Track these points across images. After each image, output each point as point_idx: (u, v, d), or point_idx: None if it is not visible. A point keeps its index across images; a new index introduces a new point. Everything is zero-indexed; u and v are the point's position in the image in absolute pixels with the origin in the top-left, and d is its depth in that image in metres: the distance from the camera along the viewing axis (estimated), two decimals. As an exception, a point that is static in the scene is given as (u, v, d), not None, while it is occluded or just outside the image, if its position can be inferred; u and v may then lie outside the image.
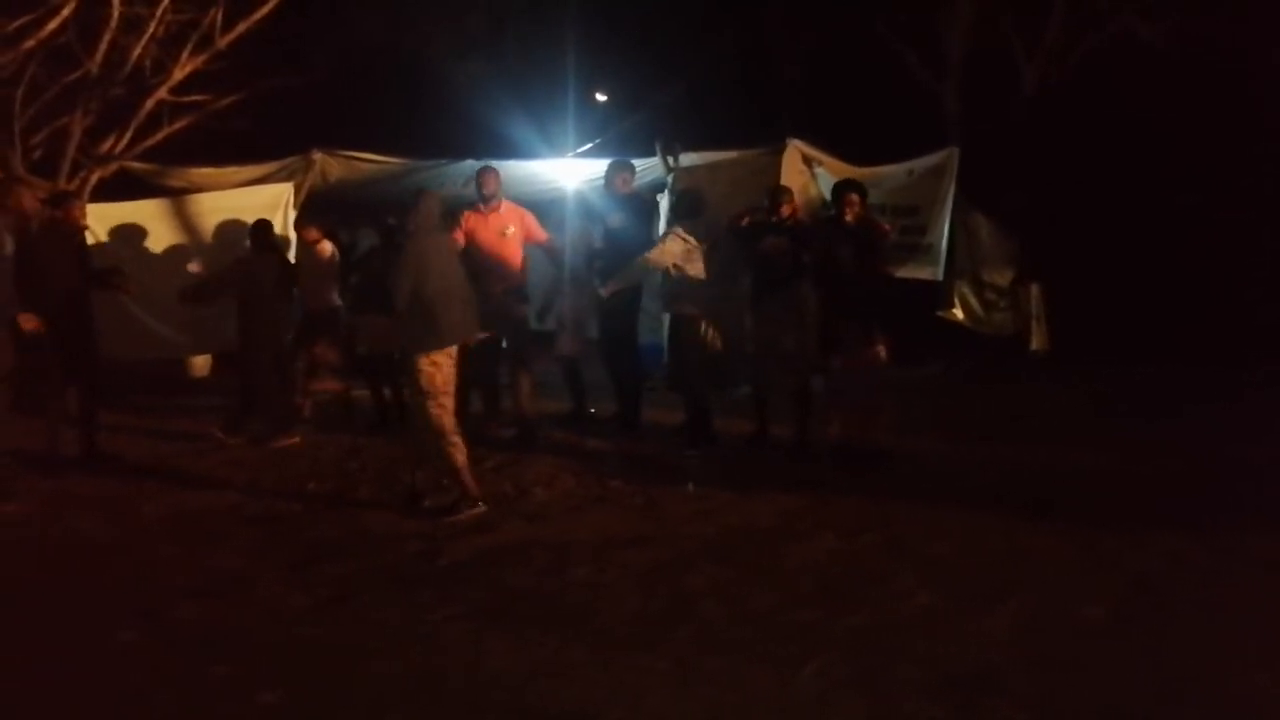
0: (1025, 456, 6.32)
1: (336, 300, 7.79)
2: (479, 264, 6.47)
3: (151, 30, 8.97)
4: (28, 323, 5.97)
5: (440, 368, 5.05)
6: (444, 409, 5.05)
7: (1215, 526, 4.71)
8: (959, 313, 9.42)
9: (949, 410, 8.04)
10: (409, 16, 12.81)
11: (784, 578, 4.10)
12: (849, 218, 6.13)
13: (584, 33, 14.20)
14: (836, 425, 6.14)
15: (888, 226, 6.71)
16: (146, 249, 7.75)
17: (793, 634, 3.50)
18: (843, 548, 4.49)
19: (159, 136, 9.66)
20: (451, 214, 6.36)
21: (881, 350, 5.94)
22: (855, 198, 6.17)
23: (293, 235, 8.01)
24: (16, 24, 8.34)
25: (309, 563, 4.38)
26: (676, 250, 6.34)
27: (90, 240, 7.13)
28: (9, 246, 6.18)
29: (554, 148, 10.82)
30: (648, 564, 4.29)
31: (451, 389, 5.13)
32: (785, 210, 6.43)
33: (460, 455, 5.08)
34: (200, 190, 8.26)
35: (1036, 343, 9.81)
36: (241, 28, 9.53)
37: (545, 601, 3.90)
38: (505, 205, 6.93)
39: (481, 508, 5.06)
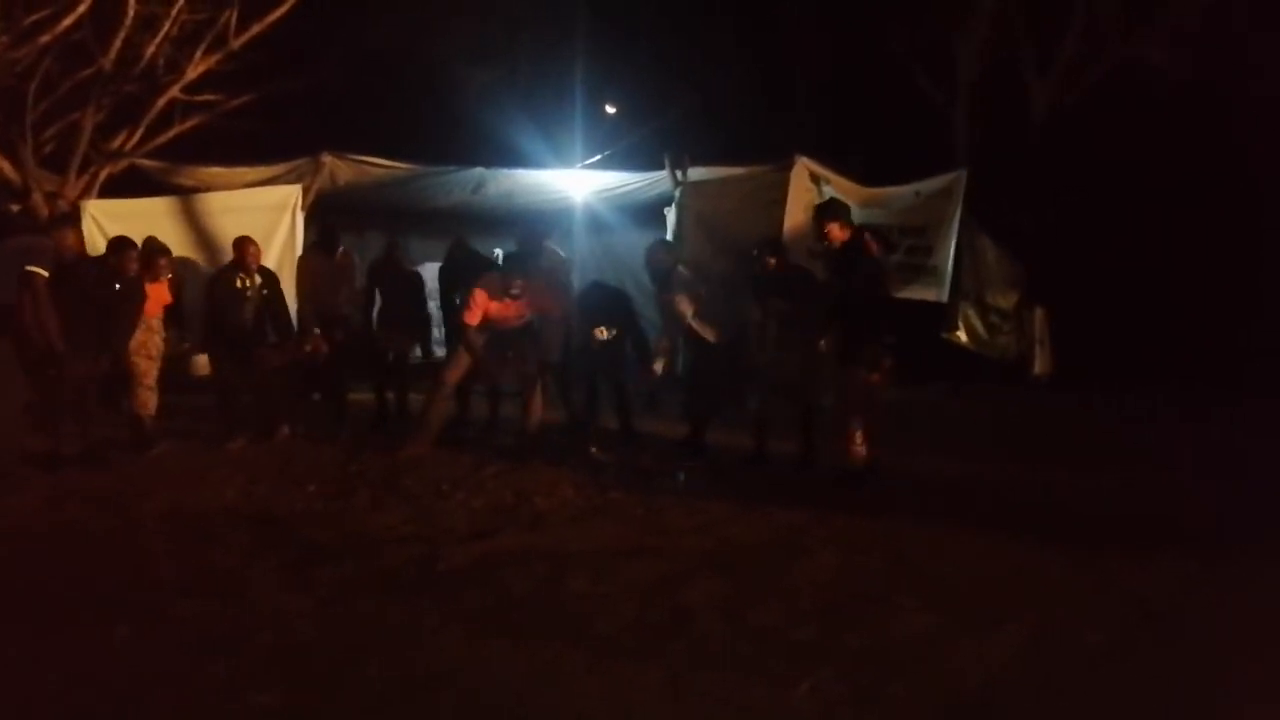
0: (1028, 478, 6.30)
1: (344, 309, 7.83)
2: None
3: (166, 29, 9.03)
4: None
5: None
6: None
7: (1220, 550, 4.70)
8: (963, 335, 9.41)
9: (952, 432, 8.04)
10: (422, 23, 12.86)
11: (783, 594, 4.07)
12: (835, 244, 5.92)
13: (595, 45, 14.28)
14: (841, 444, 6.11)
15: (875, 245, 6.18)
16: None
17: (790, 651, 3.48)
18: (843, 565, 4.47)
19: (170, 134, 9.71)
20: None
21: (871, 374, 5.79)
22: (836, 226, 5.91)
23: (299, 238, 8.03)
24: (32, 19, 8.39)
25: (306, 564, 4.36)
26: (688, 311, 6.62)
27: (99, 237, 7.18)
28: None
29: (562, 158, 10.87)
30: (646, 575, 4.27)
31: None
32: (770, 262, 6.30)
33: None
34: (209, 189, 8.27)
35: (1040, 367, 9.78)
36: (255, 29, 9.60)
37: (542, 610, 3.88)
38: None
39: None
